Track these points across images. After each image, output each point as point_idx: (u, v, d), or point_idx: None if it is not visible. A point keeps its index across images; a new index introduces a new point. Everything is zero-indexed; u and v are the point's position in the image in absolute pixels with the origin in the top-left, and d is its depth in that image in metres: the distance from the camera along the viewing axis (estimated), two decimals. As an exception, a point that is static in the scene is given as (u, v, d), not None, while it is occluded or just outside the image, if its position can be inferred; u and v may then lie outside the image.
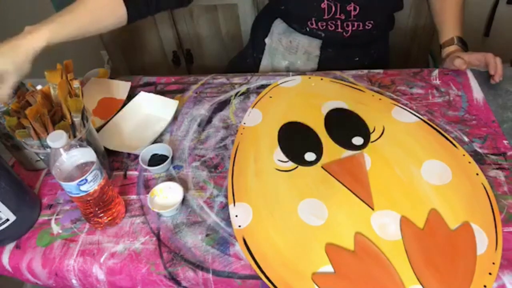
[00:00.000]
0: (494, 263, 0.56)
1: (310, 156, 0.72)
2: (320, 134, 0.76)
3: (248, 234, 0.62)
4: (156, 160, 0.75)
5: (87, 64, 1.14)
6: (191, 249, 0.62)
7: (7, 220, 0.63)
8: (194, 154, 0.77)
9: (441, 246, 0.58)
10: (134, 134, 0.82)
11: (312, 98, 0.84)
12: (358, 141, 0.74)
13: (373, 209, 0.64)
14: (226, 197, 0.68)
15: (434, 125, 0.76)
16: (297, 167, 0.71)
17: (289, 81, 0.90)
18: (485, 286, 0.54)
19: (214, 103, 0.87)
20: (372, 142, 0.74)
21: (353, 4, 0.87)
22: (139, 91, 0.87)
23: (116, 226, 0.66)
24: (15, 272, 0.65)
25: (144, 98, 0.86)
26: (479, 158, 0.70)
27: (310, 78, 0.90)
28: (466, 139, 0.73)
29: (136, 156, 0.77)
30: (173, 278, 0.61)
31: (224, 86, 0.91)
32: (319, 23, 0.91)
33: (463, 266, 0.56)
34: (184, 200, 0.68)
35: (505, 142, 0.72)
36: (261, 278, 0.58)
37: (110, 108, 0.85)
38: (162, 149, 0.76)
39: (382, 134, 0.75)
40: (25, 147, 0.65)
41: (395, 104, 0.81)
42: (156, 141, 0.79)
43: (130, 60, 1.64)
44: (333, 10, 0.88)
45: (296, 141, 0.76)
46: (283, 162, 0.72)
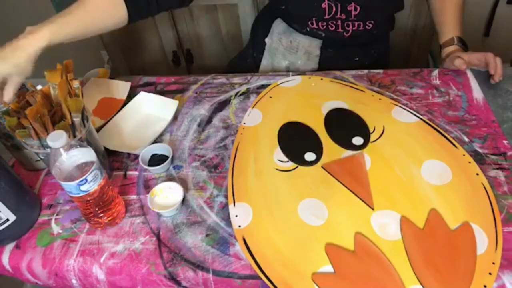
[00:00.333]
0: (494, 263, 0.56)
1: (310, 156, 0.72)
2: (320, 134, 0.76)
3: (248, 234, 0.62)
4: (156, 160, 0.75)
5: (87, 64, 1.14)
6: (191, 249, 0.62)
7: (7, 220, 0.63)
8: (194, 154, 0.77)
9: (441, 246, 0.58)
10: (134, 134, 0.82)
11: (312, 98, 0.84)
12: (358, 141, 0.74)
13: (373, 209, 0.64)
14: (226, 197, 0.68)
15: (434, 125, 0.76)
16: (297, 167, 0.71)
17: (289, 81, 0.90)
18: (485, 286, 0.54)
19: (214, 103, 0.87)
20: (372, 142, 0.74)
21: (353, 4, 0.87)
22: (139, 91, 0.87)
23: (116, 226, 0.66)
24: (15, 272, 0.65)
25: (144, 98, 0.86)
26: (479, 158, 0.70)
27: (310, 78, 0.90)
28: (466, 139, 0.73)
29: (136, 156, 0.77)
30: (173, 278, 0.61)
31: (224, 86, 0.91)
32: (320, 23, 0.91)
33: (463, 266, 0.56)
34: (184, 200, 0.68)
35: (505, 142, 0.72)
36: (261, 278, 0.58)
37: (110, 108, 0.85)
38: (162, 149, 0.76)
39: (382, 134, 0.75)
40: (25, 147, 0.65)
41: (395, 104, 0.81)
42: (156, 141, 0.79)
43: (130, 60, 1.64)
44: (333, 10, 0.88)
45: (296, 141, 0.76)
46: (283, 162, 0.72)
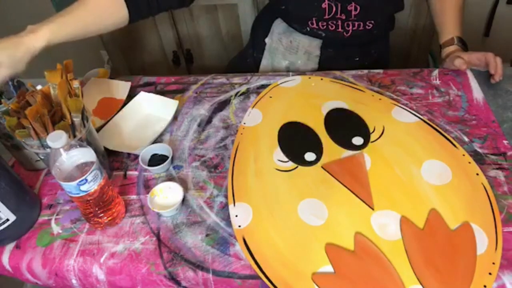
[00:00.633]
0: (494, 263, 0.56)
1: (310, 156, 0.72)
2: (320, 134, 0.76)
3: (248, 234, 0.62)
4: (156, 160, 0.75)
5: (87, 64, 1.14)
6: (191, 249, 0.62)
7: (7, 220, 0.63)
8: (194, 154, 0.77)
9: (441, 246, 0.58)
10: (134, 134, 0.82)
11: (312, 98, 0.84)
12: (358, 141, 0.74)
13: (373, 209, 0.64)
14: (226, 197, 0.68)
15: (434, 125, 0.76)
16: (297, 167, 0.71)
17: (289, 81, 0.90)
18: (485, 286, 0.54)
19: (214, 103, 0.87)
20: (372, 142, 0.74)
21: (353, 4, 0.87)
22: (139, 91, 0.87)
23: (116, 226, 0.66)
24: (15, 272, 0.65)
25: (144, 98, 0.86)
26: (479, 158, 0.70)
27: (310, 78, 0.90)
28: (466, 139, 0.73)
29: (136, 156, 0.77)
30: (173, 278, 0.61)
31: (224, 86, 0.91)
32: (320, 23, 0.91)
33: (463, 266, 0.56)
34: (184, 200, 0.68)
35: (505, 142, 0.72)
36: (261, 278, 0.58)
37: (110, 108, 0.85)
38: (162, 149, 0.76)
39: (382, 134, 0.75)
40: (25, 147, 0.65)
41: (395, 104, 0.81)
42: (156, 141, 0.79)
43: (130, 60, 1.64)
44: (333, 10, 0.88)
45: (296, 141, 0.76)
46: (283, 162, 0.72)
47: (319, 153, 0.73)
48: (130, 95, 0.87)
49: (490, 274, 0.55)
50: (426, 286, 0.55)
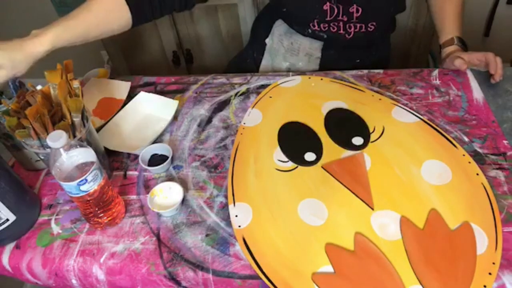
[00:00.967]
0: (494, 263, 0.56)
1: (310, 156, 0.72)
2: (320, 134, 0.76)
3: (248, 234, 0.62)
4: (156, 160, 0.75)
5: (87, 64, 1.14)
6: (191, 249, 0.62)
7: (7, 220, 0.63)
8: (194, 154, 0.77)
9: (441, 246, 0.58)
10: (134, 134, 0.82)
11: (312, 98, 0.84)
12: (358, 141, 0.74)
13: (373, 209, 0.64)
14: (226, 197, 0.68)
15: (434, 125, 0.76)
16: (297, 167, 0.71)
17: (289, 81, 0.90)
18: (485, 286, 0.54)
19: (214, 103, 0.87)
20: (372, 142, 0.74)
21: (355, 6, 0.87)
22: (139, 91, 0.87)
23: (116, 226, 0.66)
24: (15, 272, 0.65)
25: (144, 98, 0.86)
26: (479, 158, 0.70)
27: (310, 78, 0.90)
28: (466, 139, 0.73)
29: (136, 156, 0.77)
30: (173, 278, 0.61)
31: (224, 86, 0.91)
32: (321, 25, 0.91)
33: (463, 266, 0.56)
34: (184, 200, 0.68)
35: (505, 142, 0.72)
36: (261, 278, 0.58)
37: (110, 108, 0.85)
38: (162, 149, 0.76)
39: (382, 134, 0.75)
40: (25, 147, 0.65)
41: (395, 104, 0.81)
42: (156, 141, 0.79)
43: (130, 60, 1.64)
44: (335, 12, 0.88)
45: (296, 141, 0.76)
46: (283, 162, 0.72)
47: (319, 153, 0.73)
48: (130, 95, 0.87)
49: (490, 274, 0.55)
50: (426, 286, 0.55)
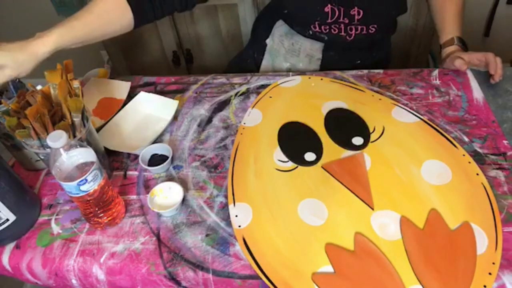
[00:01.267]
0: (494, 263, 0.56)
1: (310, 156, 0.72)
2: (320, 134, 0.76)
3: (248, 234, 0.62)
4: (156, 160, 0.75)
5: (87, 64, 1.14)
6: (191, 249, 0.62)
7: (7, 220, 0.63)
8: (194, 154, 0.77)
9: (441, 246, 0.58)
10: (134, 134, 0.82)
11: (312, 98, 0.84)
12: (358, 141, 0.74)
13: (373, 209, 0.64)
14: (226, 197, 0.68)
15: (434, 125, 0.76)
16: (297, 167, 0.71)
17: (289, 81, 0.90)
18: (485, 286, 0.54)
19: (214, 103, 0.87)
20: (372, 142, 0.74)
21: (356, 8, 0.87)
22: (139, 91, 0.87)
23: (116, 226, 0.66)
24: (15, 272, 0.65)
25: (144, 98, 0.86)
26: (479, 158, 0.70)
27: (310, 78, 0.90)
28: (466, 139, 0.73)
29: (136, 156, 0.77)
30: (173, 278, 0.61)
31: (224, 86, 0.91)
32: (322, 27, 0.91)
33: (463, 266, 0.56)
34: (184, 200, 0.68)
35: (505, 142, 0.72)
36: (261, 278, 0.58)
37: (110, 108, 0.85)
38: (162, 149, 0.76)
39: (382, 134, 0.75)
40: (25, 147, 0.65)
41: (395, 104, 0.81)
42: (156, 141, 0.79)
43: (130, 60, 1.64)
44: (336, 14, 0.88)
45: (296, 141, 0.76)
46: (283, 162, 0.72)
47: (319, 153, 0.73)
48: (130, 95, 0.87)
49: (490, 274, 0.55)
50: (426, 286, 0.55)
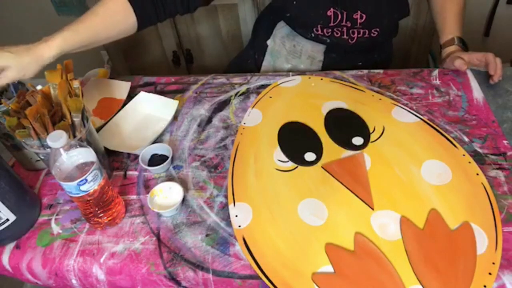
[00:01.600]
0: (494, 263, 0.56)
1: (310, 156, 0.72)
2: (320, 134, 0.76)
3: (248, 234, 0.62)
4: (156, 160, 0.75)
5: (87, 64, 1.14)
6: (191, 249, 0.62)
7: (7, 220, 0.63)
8: (194, 154, 0.77)
9: (441, 246, 0.58)
10: (134, 134, 0.82)
11: (312, 98, 0.84)
12: (358, 141, 0.74)
13: (373, 209, 0.64)
14: (226, 197, 0.68)
15: (434, 125, 0.76)
16: (297, 167, 0.71)
17: (289, 81, 0.90)
18: (485, 286, 0.54)
19: (214, 103, 0.87)
20: (372, 142, 0.74)
21: (359, 12, 0.87)
22: (139, 91, 0.87)
23: (116, 226, 0.66)
24: (15, 272, 0.65)
25: (144, 98, 0.86)
26: (479, 158, 0.70)
27: (310, 78, 0.90)
28: (466, 139, 0.73)
29: (136, 156, 0.77)
30: (173, 278, 0.61)
31: (224, 86, 0.91)
32: (325, 30, 0.91)
33: (463, 266, 0.56)
34: (184, 200, 0.68)
35: (505, 142, 0.72)
36: (261, 278, 0.58)
37: (110, 108, 0.85)
38: (162, 149, 0.76)
39: (382, 134, 0.75)
40: (25, 147, 0.65)
41: (395, 104, 0.81)
42: (156, 141, 0.79)
43: (130, 60, 1.64)
44: (339, 17, 0.88)
45: (296, 141, 0.76)
46: (283, 162, 0.72)
47: (319, 153, 0.73)
48: (130, 95, 0.87)
49: (490, 274, 0.55)
50: (426, 286, 0.55)
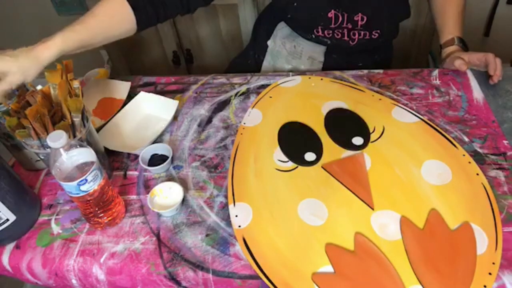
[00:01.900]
0: (494, 263, 0.56)
1: (310, 156, 0.72)
2: (320, 134, 0.76)
3: (248, 234, 0.62)
4: (156, 160, 0.75)
5: (87, 64, 1.14)
6: (191, 249, 0.62)
7: (7, 220, 0.63)
8: (194, 154, 0.77)
9: (441, 246, 0.58)
10: (134, 134, 0.82)
11: (312, 98, 0.84)
12: (358, 141, 0.74)
13: (373, 209, 0.64)
14: (226, 197, 0.68)
15: (434, 125, 0.76)
16: (297, 167, 0.71)
17: (289, 81, 0.90)
18: (485, 286, 0.54)
19: (214, 103, 0.87)
20: (372, 142, 0.74)
21: (360, 14, 0.87)
22: (139, 91, 0.87)
23: (116, 226, 0.66)
24: (15, 272, 0.65)
25: (144, 98, 0.86)
26: (479, 158, 0.70)
27: (310, 78, 0.90)
28: (466, 139, 0.73)
29: (136, 156, 0.77)
30: (173, 278, 0.61)
31: (224, 86, 0.91)
32: (326, 31, 0.91)
33: (463, 266, 0.56)
34: (184, 200, 0.68)
35: (505, 142, 0.72)
36: (261, 278, 0.58)
37: (110, 108, 0.85)
38: (162, 149, 0.76)
39: (382, 134, 0.75)
40: (25, 147, 0.65)
41: (395, 104, 0.81)
42: (156, 141, 0.79)
43: (130, 60, 1.64)
44: (340, 19, 0.88)
45: (296, 141, 0.76)
46: (283, 162, 0.72)
47: (319, 153, 0.73)
48: (130, 95, 0.87)
49: (490, 274, 0.55)
50: (426, 286, 0.55)
